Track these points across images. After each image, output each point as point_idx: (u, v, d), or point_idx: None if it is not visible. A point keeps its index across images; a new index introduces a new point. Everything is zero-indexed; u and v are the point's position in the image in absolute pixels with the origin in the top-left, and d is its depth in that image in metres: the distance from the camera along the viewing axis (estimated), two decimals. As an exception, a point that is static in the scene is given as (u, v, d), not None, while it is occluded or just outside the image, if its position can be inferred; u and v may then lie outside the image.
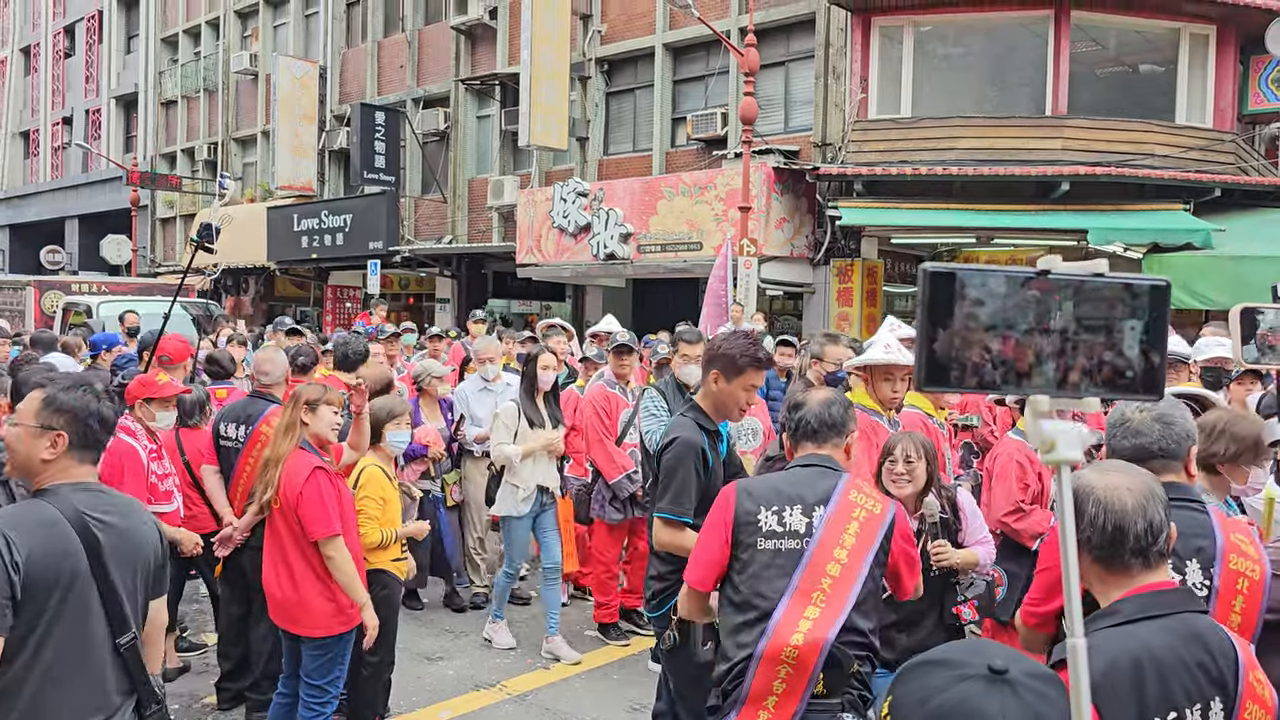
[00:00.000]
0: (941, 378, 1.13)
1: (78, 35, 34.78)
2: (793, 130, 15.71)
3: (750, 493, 2.95)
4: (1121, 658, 1.84)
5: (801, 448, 3.08)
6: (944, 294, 1.12)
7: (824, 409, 3.05)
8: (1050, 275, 1.13)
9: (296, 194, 23.79)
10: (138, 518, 2.75)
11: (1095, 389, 1.14)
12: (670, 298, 17.03)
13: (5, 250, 37.26)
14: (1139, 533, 1.96)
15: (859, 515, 2.89)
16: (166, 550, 2.88)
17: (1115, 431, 2.67)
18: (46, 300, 17.45)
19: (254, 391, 5.56)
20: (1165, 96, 14.07)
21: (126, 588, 2.63)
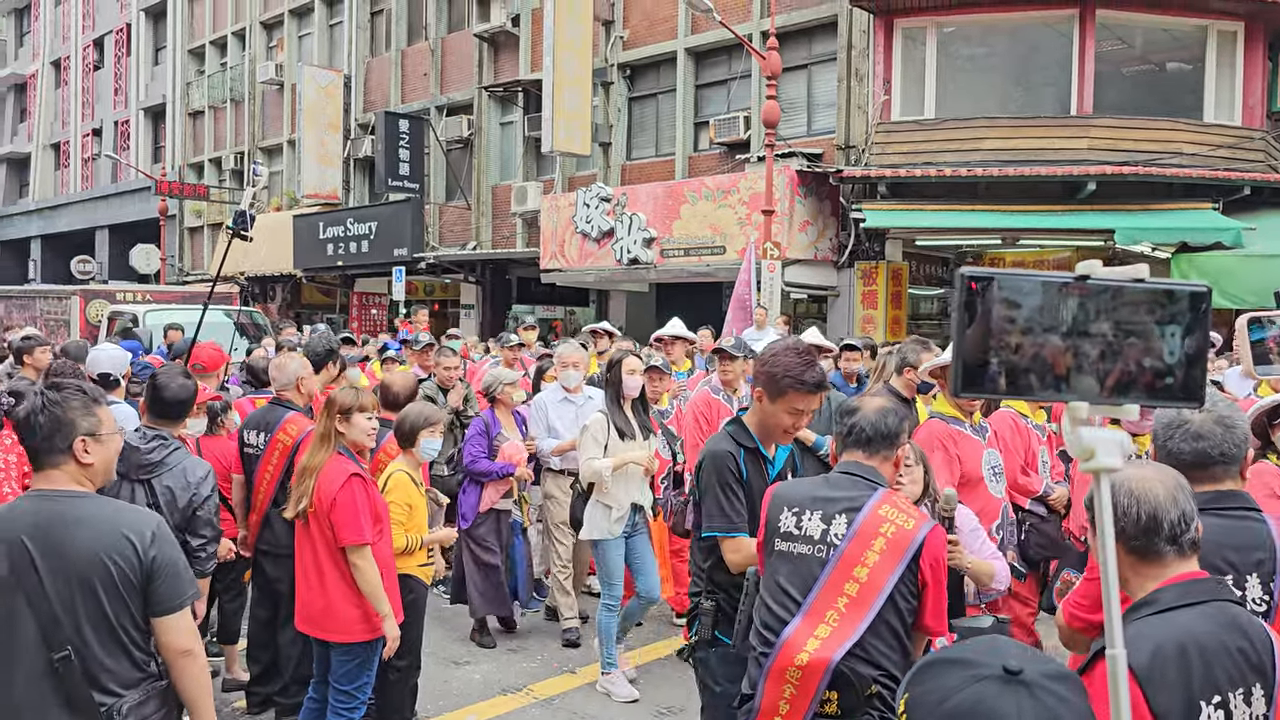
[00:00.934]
0: (977, 383, 1.12)
1: (106, 48, 35.24)
2: (816, 133, 15.68)
3: (782, 493, 2.94)
4: (1167, 644, 1.86)
5: (849, 455, 2.94)
6: (981, 298, 1.11)
7: (880, 417, 2.90)
8: (1090, 280, 1.12)
9: (322, 202, 23.99)
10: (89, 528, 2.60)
11: (1135, 395, 1.13)
12: (693, 302, 17.04)
13: (37, 260, 37.78)
14: (1173, 520, 1.99)
15: (887, 531, 2.74)
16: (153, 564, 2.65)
17: (1173, 433, 2.55)
18: (91, 309, 17.43)
19: (274, 399, 5.60)
20: (1193, 94, 13.93)
21: (62, 600, 2.54)
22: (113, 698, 2.63)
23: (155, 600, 2.66)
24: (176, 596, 2.69)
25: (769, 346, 3.57)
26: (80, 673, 2.59)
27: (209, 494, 4.17)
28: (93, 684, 2.61)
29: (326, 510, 4.15)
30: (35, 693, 2.57)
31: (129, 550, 2.61)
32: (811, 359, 3.32)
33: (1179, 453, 2.53)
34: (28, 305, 19.83)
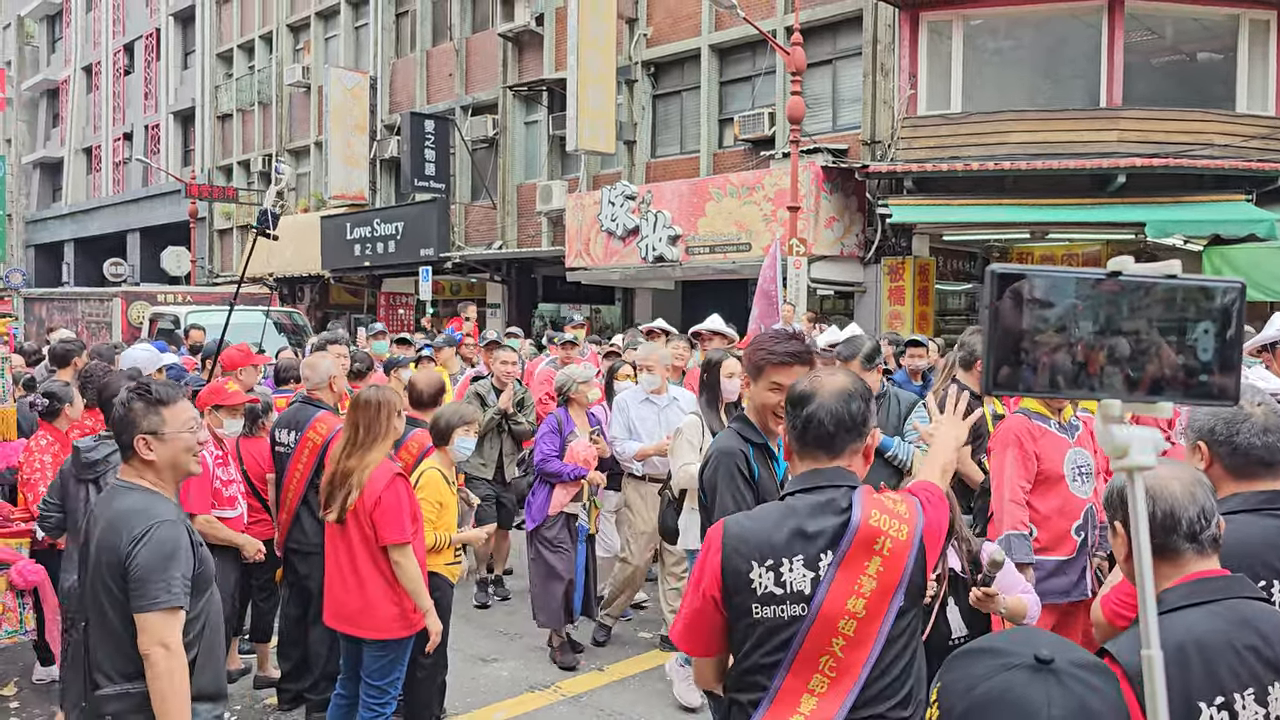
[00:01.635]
0: (1010, 381, 1.11)
1: (137, 53, 35.65)
2: (841, 128, 15.60)
3: (740, 540, 2.23)
4: (1164, 643, 1.82)
5: (808, 459, 2.31)
6: (1012, 295, 1.11)
7: (840, 403, 2.27)
8: (1122, 276, 1.10)
9: (349, 203, 24.15)
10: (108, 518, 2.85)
11: (1169, 393, 1.12)
12: (719, 299, 17.00)
13: (70, 264, 38.30)
14: (1192, 518, 1.95)
15: (884, 547, 2.18)
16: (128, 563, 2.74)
17: (1238, 428, 2.46)
18: (133, 311, 17.46)
19: (304, 398, 5.64)
20: (1225, 85, 13.74)
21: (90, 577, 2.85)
22: (104, 680, 2.79)
23: (130, 596, 2.76)
24: (142, 599, 2.73)
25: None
26: (84, 648, 2.80)
27: None
28: (92, 663, 2.81)
29: (370, 509, 4.18)
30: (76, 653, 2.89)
31: (117, 544, 2.78)
32: (787, 335, 3.23)
33: (1249, 448, 2.44)
34: (69, 308, 19.87)
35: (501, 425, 7.20)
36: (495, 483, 7.27)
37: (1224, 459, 2.47)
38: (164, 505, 2.89)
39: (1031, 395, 1.17)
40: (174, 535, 2.81)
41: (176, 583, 2.77)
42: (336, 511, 4.24)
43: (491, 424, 7.07)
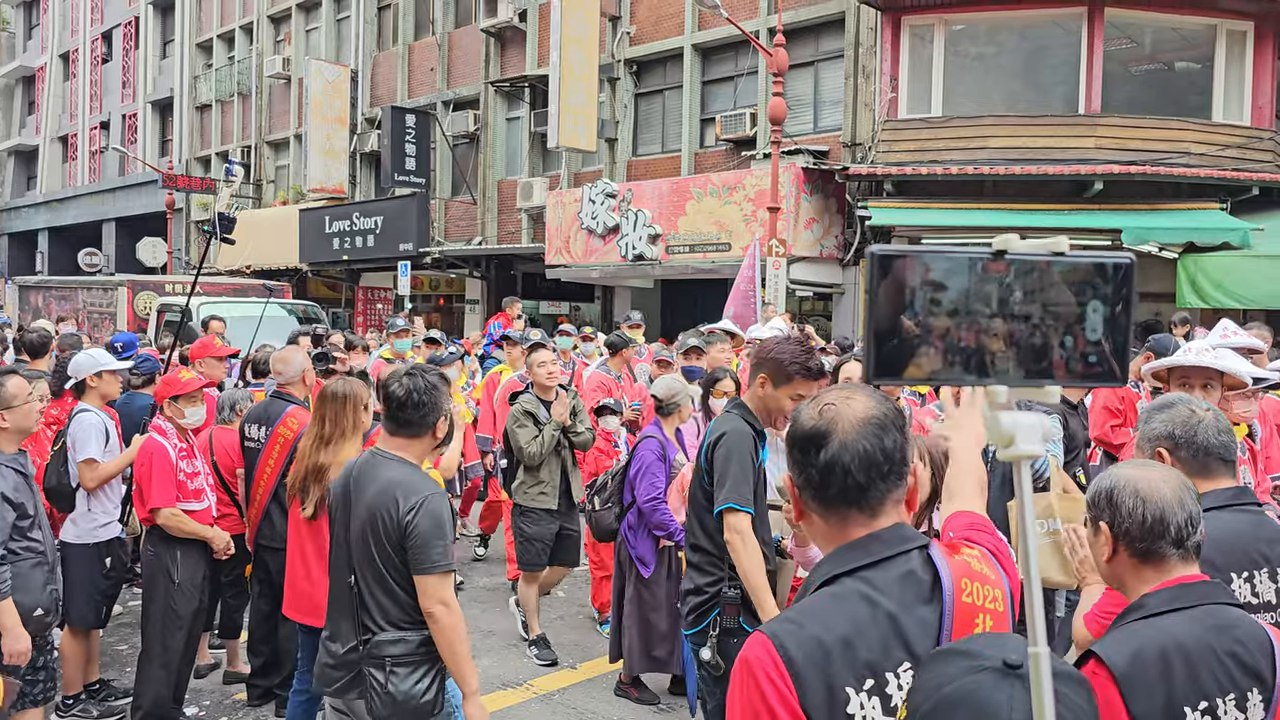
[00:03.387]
0: (892, 369, 1.05)
1: (115, 41, 35.30)
2: (822, 130, 15.65)
3: (814, 655, 1.53)
4: (1146, 648, 1.84)
5: (835, 520, 1.68)
6: (893, 279, 1.04)
7: (871, 439, 1.64)
8: (1007, 256, 1.05)
9: (328, 196, 24.01)
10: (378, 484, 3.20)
11: (1058, 376, 1.06)
12: (699, 299, 17.02)
13: (44, 253, 37.89)
14: (1180, 523, 1.96)
15: (983, 625, 1.64)
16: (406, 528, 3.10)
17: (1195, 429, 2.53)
18: (139, 302, 16.69)
19: (274, 392, 5.58)
20: (1201, 94, 13.88)
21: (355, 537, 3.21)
22: (376, 629, 3.15)
23: (410, 560, 3.11)
24: (420, 561, 3.09)
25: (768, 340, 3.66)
26: (359, 598, 3.16)
27: None
28: (366, 612, 3.16)
29: None
30: (343, 601, 3.25)
31: (392, 508, 3.11)
32: (810, 349, 3.42)
33: (1209, 446, 2.51)
34: (69, 297, 18.93)
35: (559, 444, 6.13)
36: (559, 513, 6.15)
37: (1186, 460, 2.52)
38: (426, 478, 3.27)
39: (915, 383, 1.11)
40: (443, 506, 3.19)
41: (449, 548, 3.17)
42: (313, 507, 4.19)
43: (553, 443, 6.03)
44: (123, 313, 16.88)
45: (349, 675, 3.22)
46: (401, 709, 3.11)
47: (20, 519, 3.96)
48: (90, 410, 5.28)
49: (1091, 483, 2.14)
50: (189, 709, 5.29)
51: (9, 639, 3.84)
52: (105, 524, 5.20)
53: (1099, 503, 2.06)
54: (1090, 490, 2.12)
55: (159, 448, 4.81)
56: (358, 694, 3.20)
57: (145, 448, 4.83)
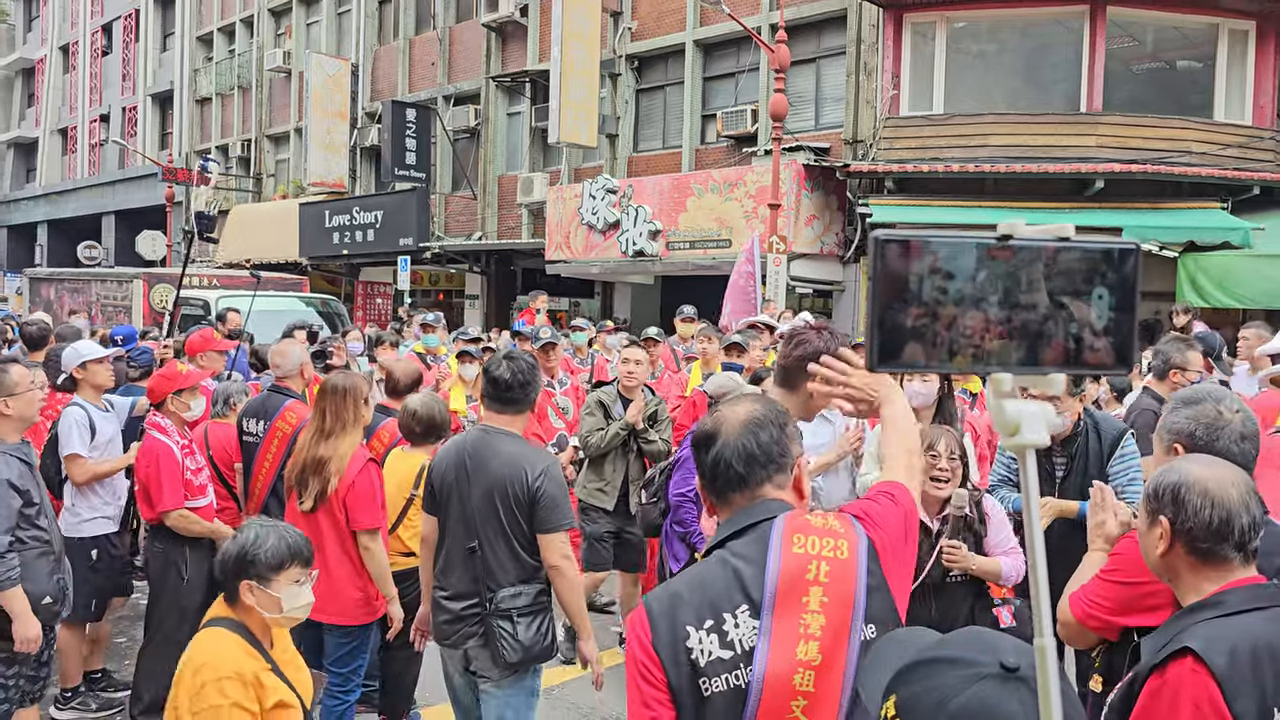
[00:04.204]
0: (894, 355, 1.03)
1: (115, 34, 35.23)
2: (823, 127, 15.63)
3: (667, 605, 1.85)
4: (1240, 645, 1.82)
5: (727, 505, 1.97)
6: (896, 264, 1.02)
7: (748, 436, 1.94)
8: (1012, 241, 1.03)
9: (328, 190, 23.98)
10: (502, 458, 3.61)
11: (1061, 365, 1.04)
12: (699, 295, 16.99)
13: (44, 245, 37.83)
14: (1244, 526, 1.94)
15: (817, 572, 1.82)
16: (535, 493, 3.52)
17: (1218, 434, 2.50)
18: (155, 295, 16.14)
19: (272, 386, 5.57)
20: (1203, 93, 13.86)
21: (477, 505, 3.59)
22: (497, 588, 3.56)
23: (537, 521, 3.53)
24: (550, 521, 3.53)
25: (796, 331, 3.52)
26: (482, 559, 3.55)
27: None
28: (488, 572, 3.56)
29: (343, 494, 4.15)
30: (462, 564, 3.60)
31: (521, 477, 3.51)
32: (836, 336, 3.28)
33: (1228, 454, 2.43)
34: (81, 289, 18.32)
35: (628, 443, 5.97)
36: (617, 514, 6.01)
37: None
38: (542, 449, 3.80)
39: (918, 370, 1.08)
40: (561, 472, 3.67)
41: (570, 509, 3.65)
42: (311, 500, 4.18)
43: (616, 441, 5.91)
44: (138, 306, 16.48)
45: (468, 628, 3.62)
46: (529, 652, 3.57)
47: (26, 506, 3.97)
48: (78, 404, 5.26)
49: (1153, 475, 2.10)
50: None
51: (20, 626, 3.85)
52: (90, 519, 5.17)
53: (1161, 496, 2.02)
54: (1152, 483, 2.07)
55: (164, 448, 4.78)
56: (480, 643, 3.60)
57: (149, 449, 4.79)
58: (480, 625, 3.60)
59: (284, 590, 2.73)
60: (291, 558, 2.75)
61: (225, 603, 2.79)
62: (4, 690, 3.92)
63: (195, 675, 2.61)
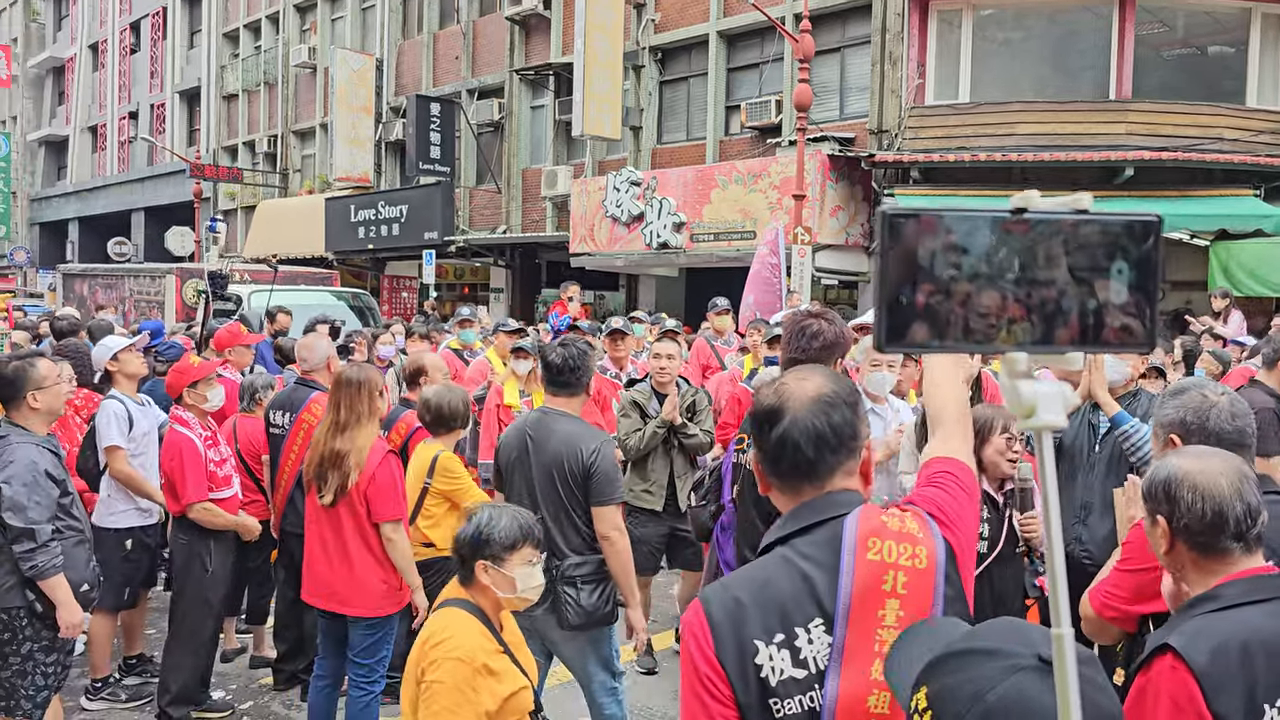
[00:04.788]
0: (903, 335, 0.98)
1: (143, 31, 35.56)
2: (848, 117, 15.52)
3: (730, 611, 1.66)
4: (1229, 641, 1.79)
5: (789, 492, 1.77)
6: (905, 240, 0.98)
7: (818, 416, 1.73)
8: (1027, 214, 0.98)
9: (353, 185, 24.10)
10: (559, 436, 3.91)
11: (1079, 343, 0.99)
12: (724, 287, 16.95)
13: (75, 242, 38.29)
14: (1239, 516, 1.91)
15: (894, 583, 1.66)
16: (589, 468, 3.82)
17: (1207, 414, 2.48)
18: (188, 290, 16.27)
19: (298, 379, 5.61)
20: (1235, 79, 13.64)
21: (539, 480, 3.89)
22: (562, 557, 3.84)
23: (592, 492, 3.83)
24: (603, 494, 3.83)
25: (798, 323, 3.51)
26: (545, 532, 3.48)
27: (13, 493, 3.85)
28: (552, 543, 3.78)
29: (364, 487, 4.16)
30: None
31: (576, 455, 3.82)
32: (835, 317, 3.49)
33: (1222, 432, 2.44)
34: (114, 285, 18.43)
35: (669, 440, 5.80)
36: (667, 514, 5.82)
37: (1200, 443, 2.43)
38: (595, 429, 4.06)
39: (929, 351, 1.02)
40: (613, 451, 3.98)
41: (621, 485, 3.96)
42: (332, 494, 4.19)
43: (655, 440, 5.74)
44: (171, 301, 16.61)
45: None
46: (591, 617, 3.87)
47: (62, 496, 4.04)
48: (114, 397, 5.34)
49: (1147, 473, 2.08)
50: (216, 693, 5.34)
51: (64, 612, 3.92)
52: (124, 510, 5.25)
53: (1155, 495, 2.00)
54: (1145, 482, 2.06)
55: (186, 441, 4.82)
56: (547, 609, 3.83)
57: (172, 442, 4.83)
58: (548, 593, 3.74)
59: (517, 570, 2.80)
60: (524, 538, 2.83)
61: (460, 585, 2.86)
62: (44, 678, 3.99)
63: (434, 648, 2.70)
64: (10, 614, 3.90)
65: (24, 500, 3.84)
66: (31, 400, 4.07)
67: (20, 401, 4.06)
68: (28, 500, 3.85)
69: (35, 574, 3.84)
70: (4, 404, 4.11)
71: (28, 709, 3.95)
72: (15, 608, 3.90)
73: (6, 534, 3.85)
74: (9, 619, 3.90)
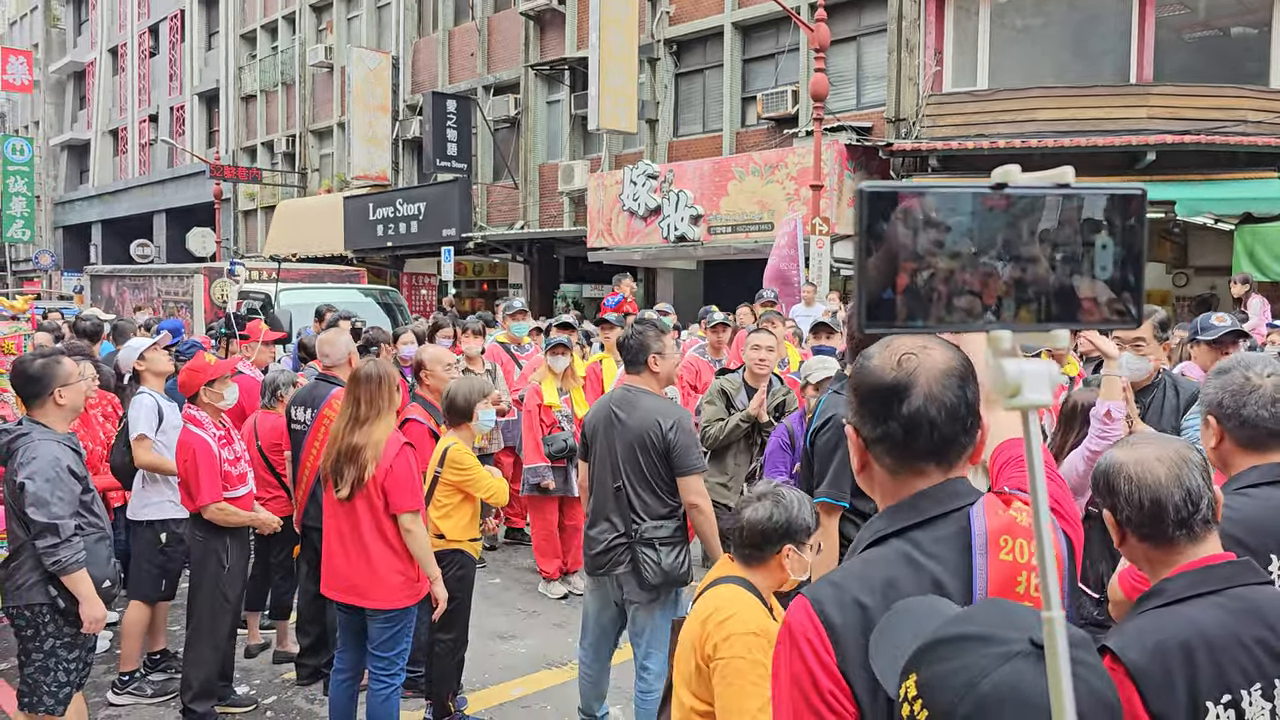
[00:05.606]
0: (885, 315, 0.97)
1: (161, 34, 35.80)
2: (865, 106, 15.42)
3: (858, 617, 1.47)
4: (1168, 641, 1.73)
5: (918, 477, 1.60)
6: (886, 217, 0.96)
7: (954, 390, 1.56)
8: (1008, 189, 0.96)
9: (371, 184, 24.19)
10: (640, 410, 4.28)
11: (1064, 320, 0.98)
12: (741, 279, 16.91)
13: (98, 245, 38.64)
14: (1177, 503, 1.85)
15: (1028, 585, 1.52)
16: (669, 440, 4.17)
17: (1245, 400, 2.36)
18: (216, 289, 15.78)
19: (319, 375, 5.64)
20: (1259, 60, 13.45)
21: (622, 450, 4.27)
22: (641, 520, 4.21)
23: (674, 464, 4.17)
24: (684, 465, 4.18)
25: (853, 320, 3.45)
26: (625, 497, 4.23)
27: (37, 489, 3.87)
28: (632, 508, 4.23)
29: (381, 479, 4.18)
30: (608, 502, 4.30)
31: (656, 429, 4.17)
32: None
33: (1258, 420, 2.34)
34: (142, 285, 18.32)
35: (751, 436, 5.70)
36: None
37: (1233, 432, 2.38)
38: (673, 403, 4.35)
39: (910, 331, 1.00)
40: (691, 421, 4.31)
41: (701, 454, 4.32)
42: (349, 487, 4.21)
43: (737, 434, 5.64)
44: (199, 301, 16.44)
45: (618, 556, 4.27)
46: (669, 576, 4.20)
47: (83, 493, 4.08)
48: (146, 392, 5.45)
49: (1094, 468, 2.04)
50: (240, 688, 5.37)
51: (88, 608, 3.96)
52: (158, 502, 5.32)
53: (1098, 488, 1.96)
54: (1091, 477, 2.02)
55: (200, 442, 4.83)
56: (628, 569, 4.22)
57: (185, 443, 4.85)
58: (628, 553, 4.23)
59: (808, 554, 2.84)
60: (817, 525, 2.90)
61: (741, 564, 2.84)
62: (67, 674, 4.03)
63: (722, 624, 2.67)
64: (33, 610, 3.94)
65: (47, 496, 3.88)
66: (57, 397, 4.11)
67: (46, 399, 4.11)
68: (51, 496, 3.89)
69: (59, 569, 3.88)
70: (28, 401, 4.16)
71: (50, 705, 3.99)
72: (38, 604, 3.94)
73: (30, 529, 3.89)
74: (32, 615, 3.95)
